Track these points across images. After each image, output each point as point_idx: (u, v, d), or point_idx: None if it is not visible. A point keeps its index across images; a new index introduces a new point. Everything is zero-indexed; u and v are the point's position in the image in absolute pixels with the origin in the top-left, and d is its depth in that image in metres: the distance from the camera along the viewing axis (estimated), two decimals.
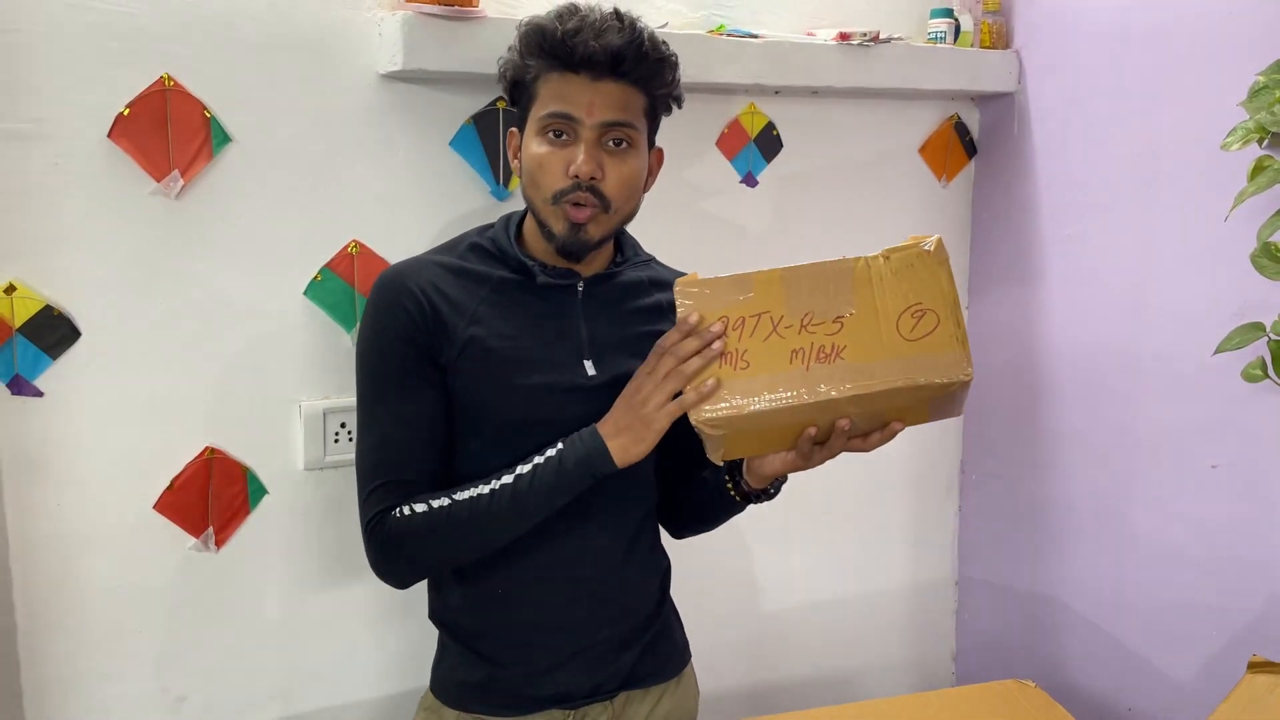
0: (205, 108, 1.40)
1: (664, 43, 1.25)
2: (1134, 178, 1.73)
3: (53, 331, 1.36)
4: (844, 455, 1.90)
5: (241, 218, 1.44)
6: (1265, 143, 1.43)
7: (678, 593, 1.46)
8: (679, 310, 1.15)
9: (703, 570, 1.89)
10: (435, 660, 1.37)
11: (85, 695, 1.44)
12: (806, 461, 1.22)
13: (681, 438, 1.21)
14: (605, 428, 1.20)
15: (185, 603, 1.48)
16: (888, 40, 1.77)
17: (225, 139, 1.42)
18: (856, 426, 1.17)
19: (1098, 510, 1.84)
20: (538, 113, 1.23)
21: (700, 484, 1.38)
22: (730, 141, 1.79)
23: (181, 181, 1.40)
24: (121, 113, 1.35)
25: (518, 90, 1.27)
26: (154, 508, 1.44)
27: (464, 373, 1.24)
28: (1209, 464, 1.65)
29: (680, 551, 1.90)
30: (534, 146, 1.23)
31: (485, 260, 1.29)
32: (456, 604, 1.32)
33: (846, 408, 1.13)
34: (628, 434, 1.18)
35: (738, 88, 1.74)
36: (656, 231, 1.75)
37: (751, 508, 1.35)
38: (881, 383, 1.11)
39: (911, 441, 2.05)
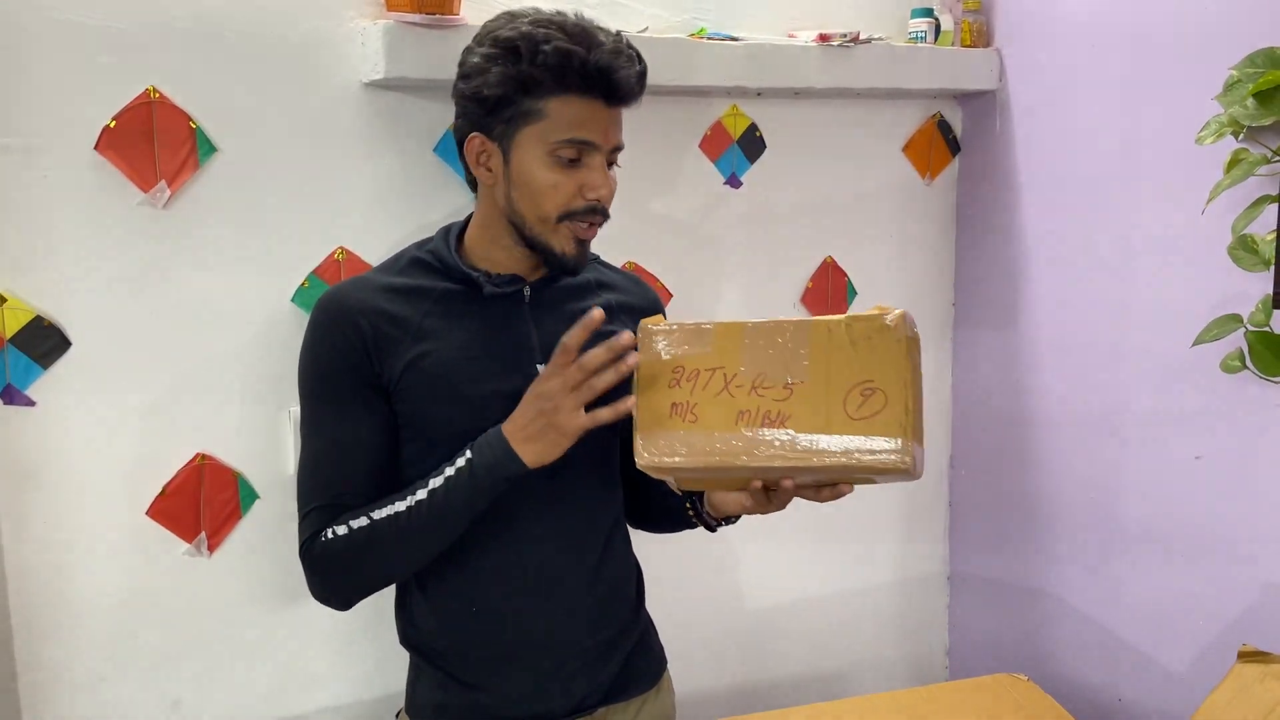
0: (191, 119, 1.42)
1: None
2: (1114, 173, 1.74)
3: (44, 341, 1.37)
4: None
5: (228, 226, 1.46)
6: (1240, 136, 1.44)
7: (670, 591, 1.48)
8: (639, 349, 1.15)
9: (694, 567, 1.90)
10: (409, 682, 1.34)
11: (81, 700, 1.45)
12: (761, 508, 1.21)
13: None
14: (513, 432, 1.16)
15: (179, 607, 1.50)
16: (868, 41, 1.79)
17: (211, 149, 1.43)
18: (802, 484, 1.16)
19: (1086, 503, 1.85)
20: (547, 135, 1.19)
21: (662, 495, 1.37)
22: (713, 143, 1.81)
23: (168, 192, 1.42)
24: (108, 125, 1.37)
25: (505, 104, 1.19)
26: (146, 514, 1.46)
27: (411, 389, 1.22)
28: (1193, 455, 1.66)
29: (673, 549, 1.91)
30: (541, 169, 1.20)
31: (427, 274, 1.26)
32: (428, 626, 1.29)
33: (783, 474, 1.13)
34: (540, 441, 1.16)
35: (720, 90, 1.76)
36: (641, 234, 1.78)
37: None
38: (819, 459, 1.09)
39: None
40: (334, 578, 1.22)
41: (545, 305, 1.29)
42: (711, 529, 1.35)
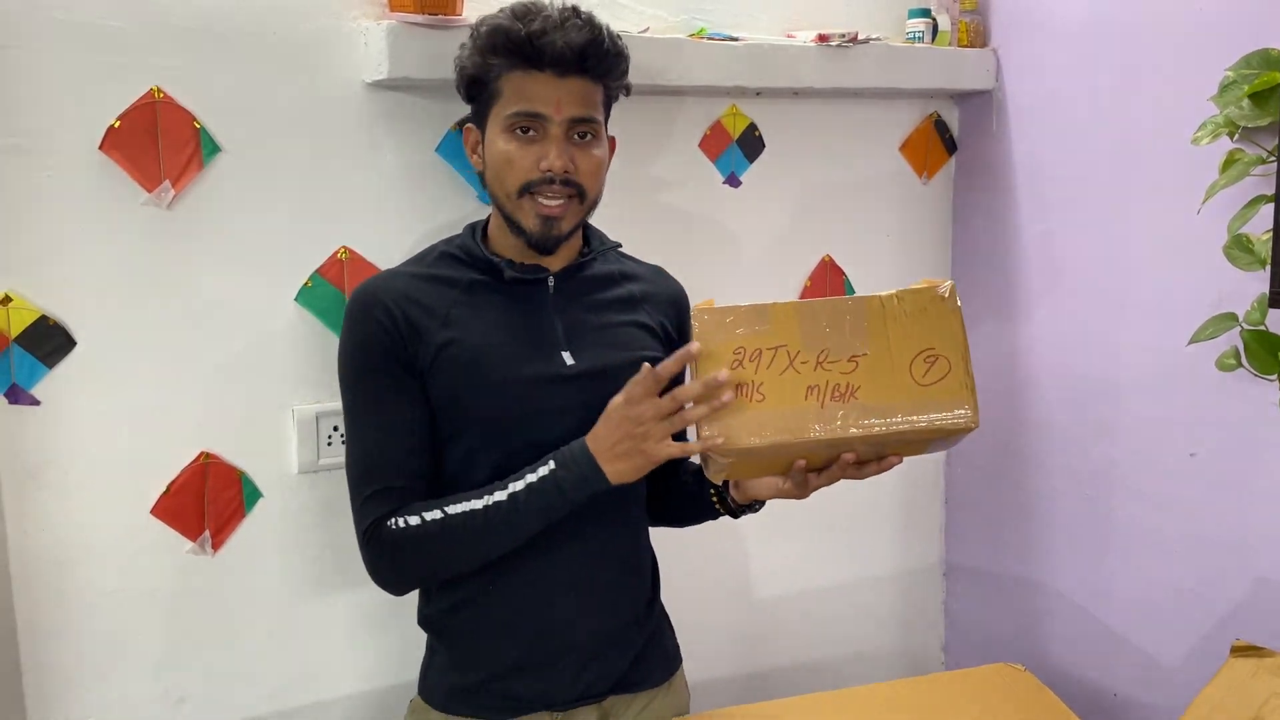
0: (195, 118, 1.42)
1: (618, 36, 1.29)
2: (1110, 172, 1.76)
3: (48, 341, 1.38)
4: None
5: (232, 226, 1.46)
6: (1235, 136, 1.45)
7: (667, 583, 1.48)
8: (694, 334, 1.15)
9: (692, 560, 1.91)
10: (423, 665, 1.39)
11: (86, 697, 1.46)
12: (801, 490, 1.23)
13: None
14: (600, 450, 1.19)
15: (183, 605, 1.50)
16: (866, 40, 1.80)
17: (215, 149, 1.44)
18: (863, 458, 1.19)
19: (1081, 499, 1.87)
20: (502, 111, 1.25)
21: (679, 487, 1.40)
22: (713, 143, 1.81)
23: (173, 191, 1.42)
24: (112, 125, 1.37)
25: (476, 87, 1.28)
26: (151, 512, 1.46)
27: (442, 375, 1.25)
28: (1188, 452, 1.68)
29: (670, 542, 1.92)
30: (500, 143, 1.25)
31: (454, 265, 1.31)
32: (444, 607, 1.33)
33: (857, 445, 1.15)
34: (626, 461, 1.18)
35: (719, 90, 1.77)
36: (642, 233, 1.78)
37: None
38: (895, 424, 1.13)
39: None
40: (400, 564, 1.25)
41: (569, 294, 1.31)
42: (735, 515, 1.37)
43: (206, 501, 1.49)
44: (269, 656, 1.57)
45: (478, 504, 1.21)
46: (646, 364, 1.17)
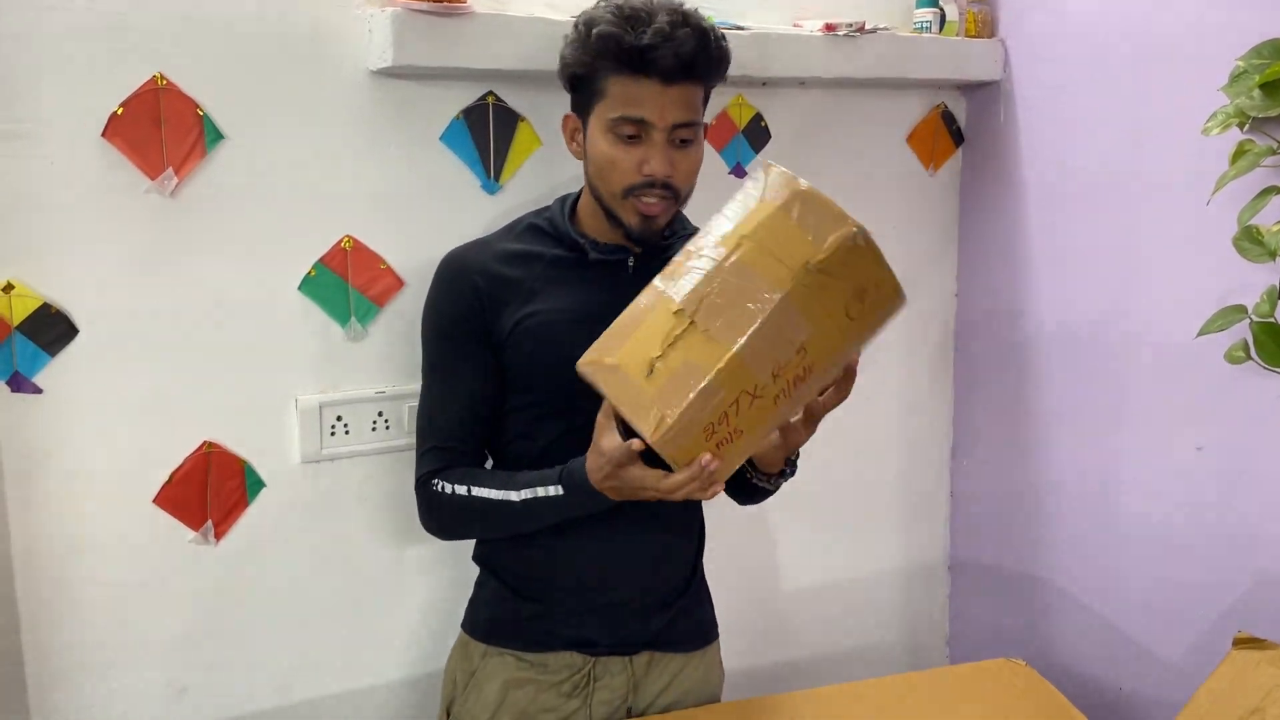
0: (198, 106, 1.41)
1: (722, 35, 1.30)
2: (1118, 163, 1.75)
3: (51, 329, 1.37)
4: (836, 445, 1.92)
5: (235, 214, 1.46)
6: (1246, 127, 1.44)
7: None
8: (659, 449, 1.11)
9: None
10: (471, 599, 1.46)
11: (89, 687, 1.46)
12: (798, 438, 1.27)
13: None
14: (595, 481, 1.21)
15: (186, 595, 1.50)
16: (873, 30, 1.78)
17: (218, 136, 1.43)
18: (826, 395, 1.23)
19: (1086, 493, 1.86)
20: (607, 113, 1.27)
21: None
22: (719, 133, 1.80)
23: (175, 179, 1.41)
24: (115, 112, 1.37)
25: (579, 82, 1.31)
26: (153, 501, 1.46)
27: (518, 345, 1.32)
28: (1195, 446, 1.67)
29: None
30: (603, 144, 1.28)
31: (541, 240, 1.36)
32: (499, 545, 1.41)
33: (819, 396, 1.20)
34: (621, 495, 1.22)
35: (725, 79, 1.75)
36: None
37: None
38: (848, 357, 1.17)
39: (902, 426, 2.08)
40: (437, 521, 1.37)
41: (648, 275, 1.29)
42: (772, 484, 1.41)
43: (209, 491, 1.49)
44: (271, 647, 1.57)
45: (499, 495, 1.29)
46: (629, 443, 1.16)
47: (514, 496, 1.28)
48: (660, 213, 1.29)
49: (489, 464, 1.43)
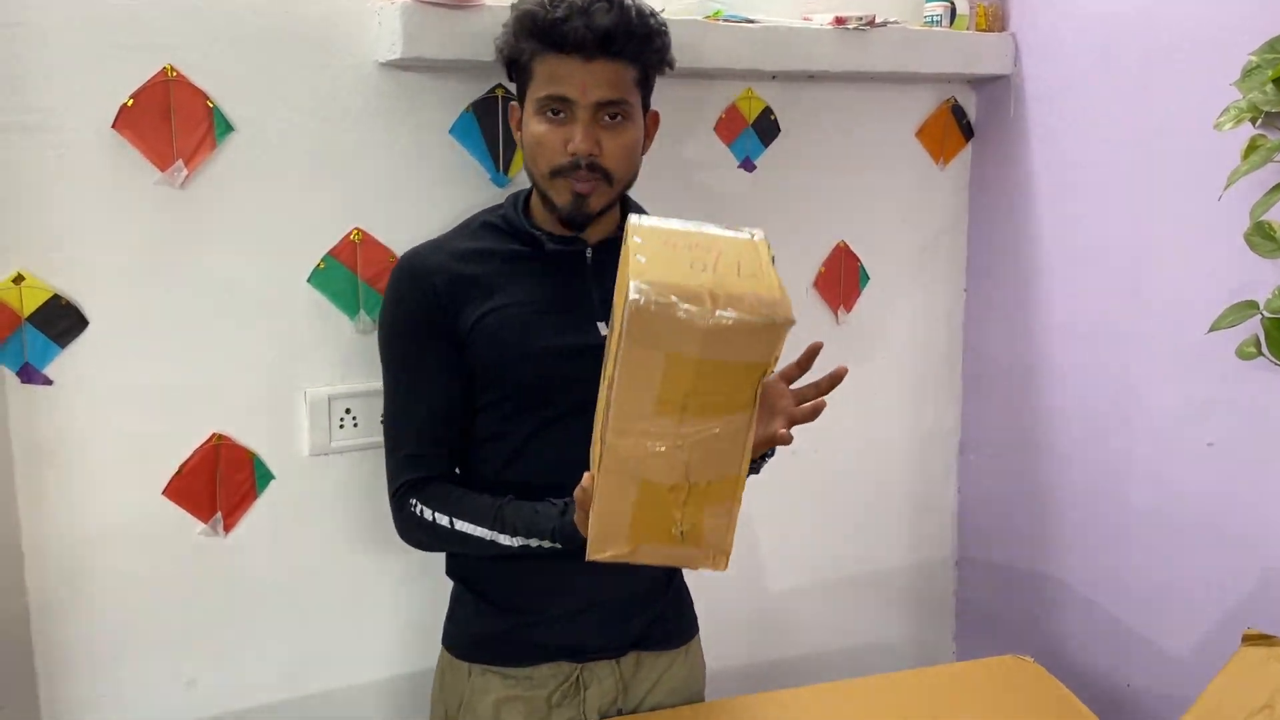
0: (208, 97, 1.41)
1: (651, 12, 1.30)
2: (1129, 158, 1.74)
3: (61, 320, 1.37)
4: (844, 440, 1.92)
5: (245, 206, 1.46)
6: (1258, 122, 1.44)
7: (689, 575, 1.49)
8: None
9: None
10: (449, 616, 1.43)
11: (98, 678, 1.46)
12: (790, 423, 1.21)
13: None
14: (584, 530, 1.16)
15: (195, 587, 1.50)
16: (884, 24, 1.78)
17: (228, 128, 1.43)
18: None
19: (1096, 489, 1.86)
20: (535, 93, 1.28)
21: None
22: (728, 126, 1.80)
23: (185, 171, 1.41)
24: (125, 103, 1.37)
25: (514, 69, 1.33)
26: (163, 493, 1.46)
27: (481, 343, 1.30)
28: (1205, 442, 1.66)
29: None
30: (533, 125, 1.29)
31: (497, 237, 1.36)
32: (476, 560, 1.38)
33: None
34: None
35: (735, 73, 1.75)
36: (655, 215, 1.77)
37: (756, 487, 1.38)
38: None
39: (911, 422, 2.08)
40: (418, 542, 1.36)
41: (607, 266, 1.29)
42: (756, 471, 1.36)
43: (218, 483, 1.49)
44: (280, 639, 1.57)
45: (484, 533, 1.28)
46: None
47: (504, 540, 1.27)
48: (591, 191, 1.28)
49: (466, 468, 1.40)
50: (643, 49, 1.29)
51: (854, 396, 1.99)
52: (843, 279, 1.95)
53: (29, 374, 1.37)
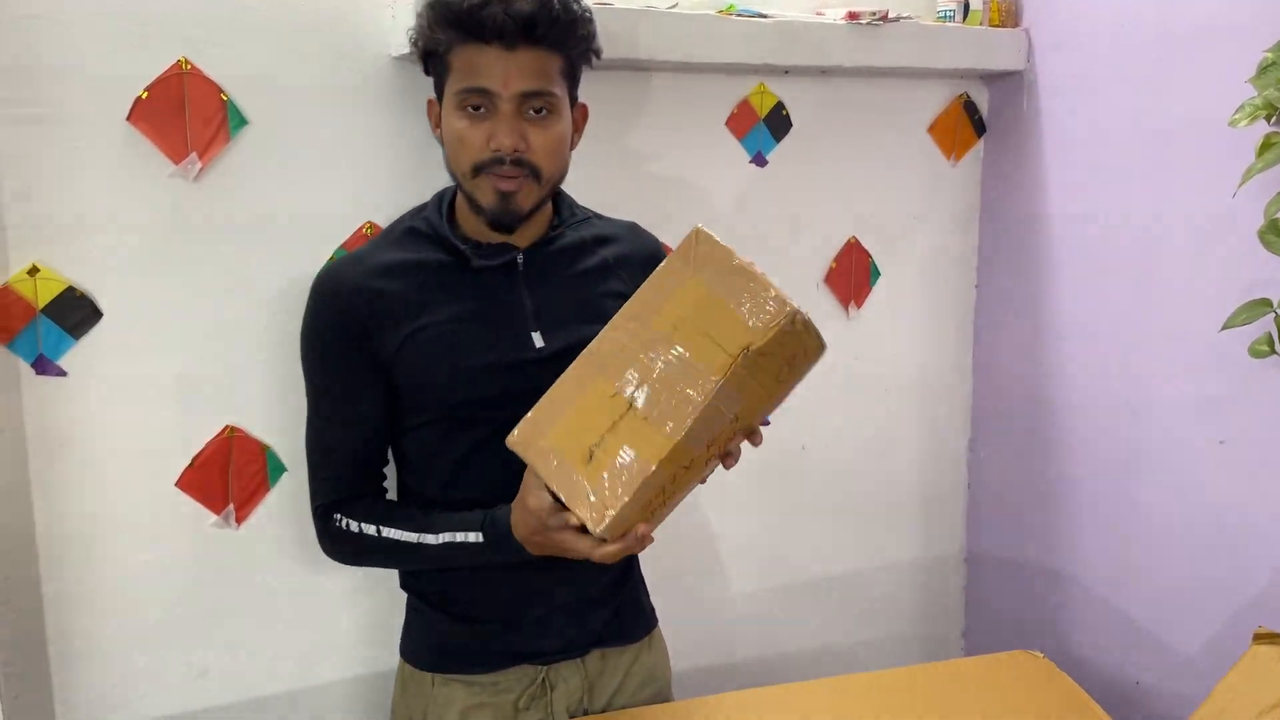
0: (222, 90, 1.42)
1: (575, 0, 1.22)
2: (1142, 155, 1.73)
3: (75, 312, 1.38)
4: (854, 436, 1.92)
5: (258, 199, 1.46)
6: (1273, 119, 1.43)
7: (689, 568, 1.49)
8: (604, 533, 1.09)
9: (717, 545, 1.91)
10: (405, 627, 1.40)
11: (111, 667, 1.47)
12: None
13: None
14: (521, 537, 1.18)
15: (207, 578, 1.51)
16: (897, 19, 1.78)
17: (242, 121, 1.43)
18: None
19: (1106, 486, 1.86)
20: (453, 86, 1.21)
21: None
22: (739, 121, 1.80)
23: (199, 164, 1.42)
24: (140, 96, 1.37)
25: (431, 61, 1.25)
26: (176, 485, 1.47)
27: (409, 365, 1.24)
28: (1217, 440, 1.66)
29: (692, 527, 1.92)
30: (453, 121, 1.21)
31: (421, 245, 1.28)
32: (429, 571, 1.34)
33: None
34: (547, 551, 1.18)
35: (747, 67, 1.75)
36: (665, 211, 1.77)
37: (766, 481, 1.38)
38: (773, 407, 1.17)
39: (920, 418, 2.08)
40: (342, 554, 1.33)
41: (539, 270, 1.28)
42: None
43: (231, 475, 1.49)
44: (292, 631, 1.58)
45: (411, 537, 1.25)
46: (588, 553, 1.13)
47: (430, 539, 1.23)
48: (517, 189, 1.21)
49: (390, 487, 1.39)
50: (567, 36, 1.20)
51: (864, 392, 2.00)
52: (853, 275, 1.95)
53: (43, 365, 1.38)
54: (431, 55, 1.24)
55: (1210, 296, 1.61)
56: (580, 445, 1.08)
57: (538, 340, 1.27)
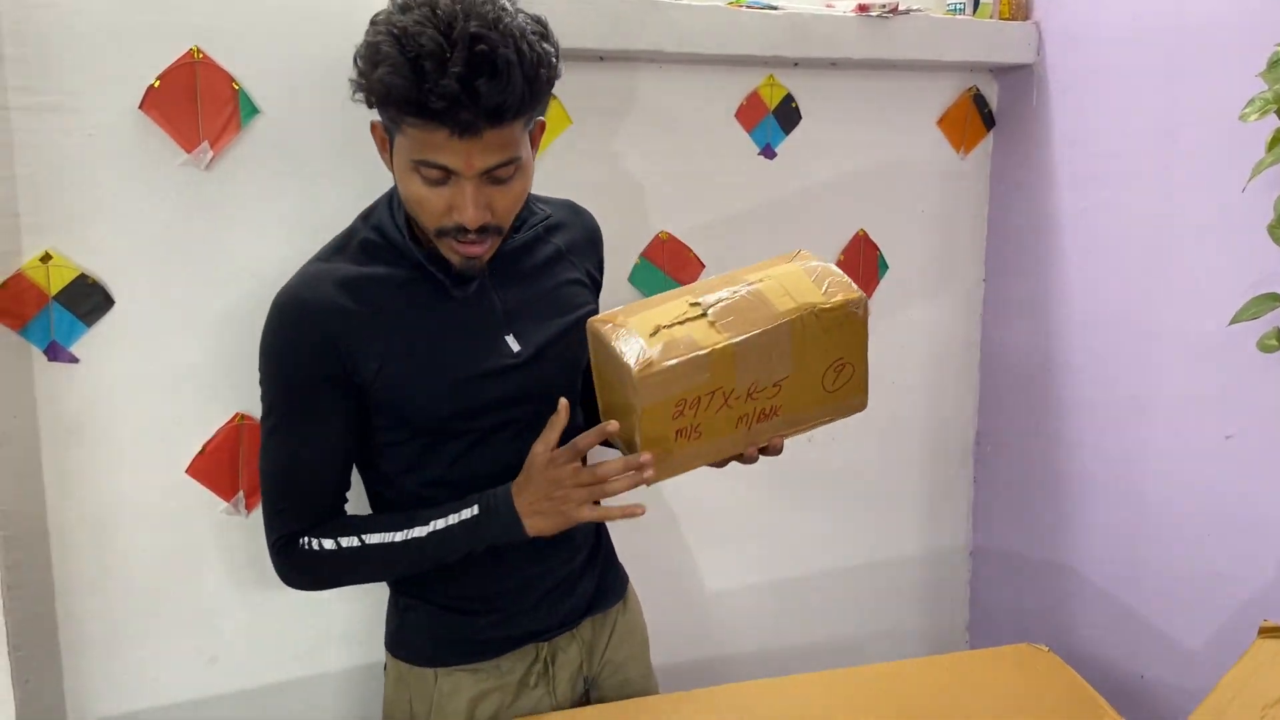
0: (234, 80, 1.42)
1: (540, 60, 1.08)
2: (1152, 149, 1.73)
3: (87, 299, 1.39)
4: (860, 430, 1.91)
5: (269, 189, 1.47)
6: None
7: (697, 560, 1.50)
8: (636, 394, 1.11)
9: (722, 537, 1.92)
10: (397, 626, 1.36)
11: (121, 654, 1.48)
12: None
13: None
14: (523, 505, 1.19)
15: (217, 565, 1.52)
16: (907, 12, 1.77)
17: (253, 111, 1.44)
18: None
19: (1112, 480, 1.86)
20: (407, 149, 1.10)
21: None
22: (749, 113, 1.80)
23: (211, 153, 1.42)
24: (152, 85, 1.38)
25: (376, 104, 1.12)
26: (186, 472, 1.48)
27: (392, 383, 1.20)
28: (1224, 434, 1.66)
29: (697, 519, 1.92)
30: (409, 182, 1.13)
31: (381, 259, 1.22)
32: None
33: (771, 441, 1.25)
34: (545, 520, 1.19)
35: (757, 59, 1.75)
36: (674, 203, 1.78)
37: (771, 474, 1.39)
38: (802, 427, 1.24)
39: (927, 412, 2.08)
40: (315, 579, 1.26)
41: (503, 271, 1.27)
42: None
43: (241, 462, 1.50)
44: (301, 618, 1.58)
45: (397, 537, 1.21)
46: (576, 442, 1.16)
47: (418, 532, 1.20)
48: (482, 252, 1.17)
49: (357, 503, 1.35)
50: (537, 102, 1.10)
51: (872, 385, 1.99)
52: (862, 267, 1.95)
53: (55, 352, 1.38)
54: (377, 106, 1.13)
55: (1219, 291, 1.61)
56: (650, 325, 1.15)
57: (513, 344, 1.26)
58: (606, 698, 1.43)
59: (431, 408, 1.23)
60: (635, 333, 1.15)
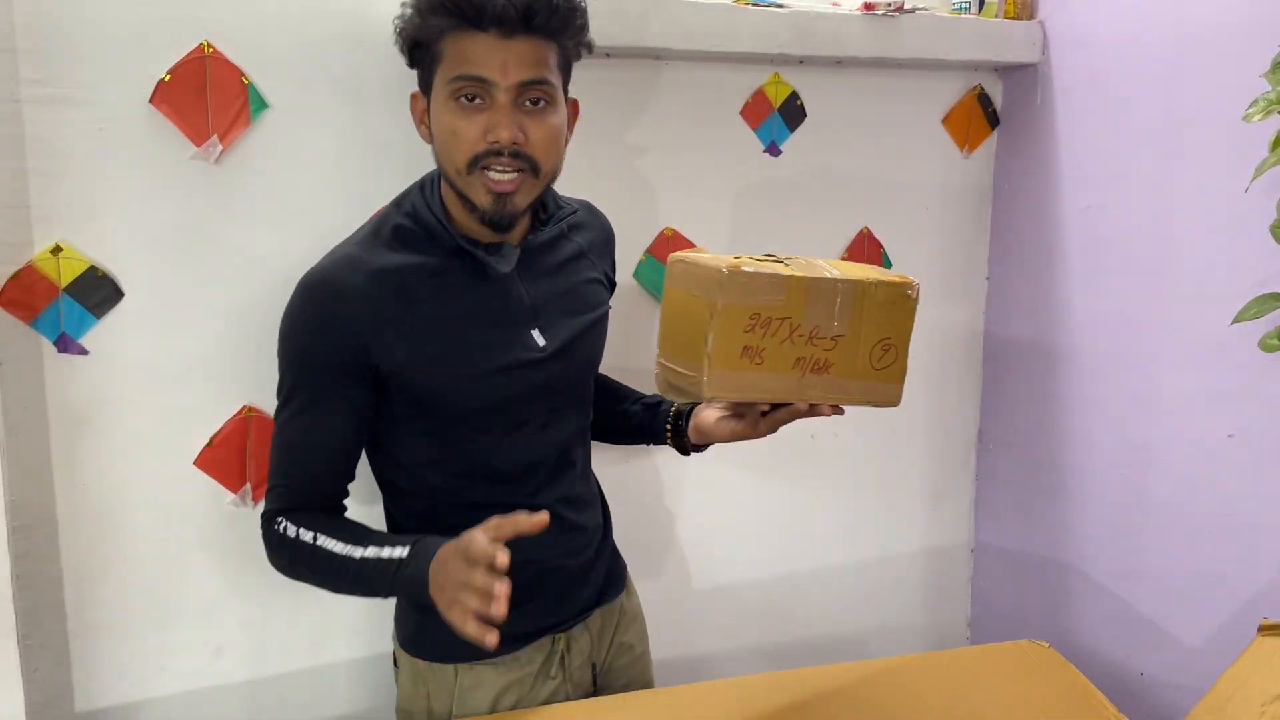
0: (243, 74, 1.43)
1: None
2: (1155, 149, 1.74)
3: (97, 291, 1.40)
4: (863, 426, 1.92)
5: (278, 182, 1.48)
6: None
7: (699, 553, 1.51)
8: (721, 293, 1.15)
9: (724, 531, 1.93)
10: (412, 626, 1.34)
11: (128, 644, 1.49)
12: (754, 431, 1.29)
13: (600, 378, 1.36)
14: (431, 578, 1.10)
15: (224, 556, 1.53)
16: (912, 10, 1.78)
17: (263, 105, 1.45)
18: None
19: (1113, 478, 1.86)
20: (445, 75, 1.15)
21: (623, 415, 1.46)
22: (754, 111, 1.81)
23: (220, 146, 1.43)
24: (162, 79, 1.39)
25: (418, 51, 1.19)
26: (194, 464, 1.49)
27: (419, 373, 1.20)
28: (1225, 433, 1.67)
29: (700, 515, 1.93)
30: (444, 114, 1.16)
31: (414, 245, 1.22)
32: None
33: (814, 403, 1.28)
34: (438, 601, 1.10)
35: (762, 57, 1.76)
36: (680, 200, 1.78)
37: (774, 470, 1.39)
38: (845, 398, 1.27)
39: (930, 409, 2.09)
40: (278, 561, 1.25)
41: (531, 265, 1.28)
42: (685, 453, 1.42)
43: (248, 454, 1.51)
44: (307, 610, 1.59)
45: (339, 548, 1.18)
46: (486, 540, 1.07)
47: (356, 553, 1.16)
48: (515, 188, 1.16)
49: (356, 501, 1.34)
50: (565, 26, 1.16)
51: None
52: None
53: (65, 343, 1.39)
54: (419, 45, 1.18)
55: (1221, 290, 1.61)
56: (730, 260, 1.18)
57: (539, 339, 1.26)
58: (617, 678, 1.45)
59: (456, 398, 1.22)
60: (714, 262, 1.20)
